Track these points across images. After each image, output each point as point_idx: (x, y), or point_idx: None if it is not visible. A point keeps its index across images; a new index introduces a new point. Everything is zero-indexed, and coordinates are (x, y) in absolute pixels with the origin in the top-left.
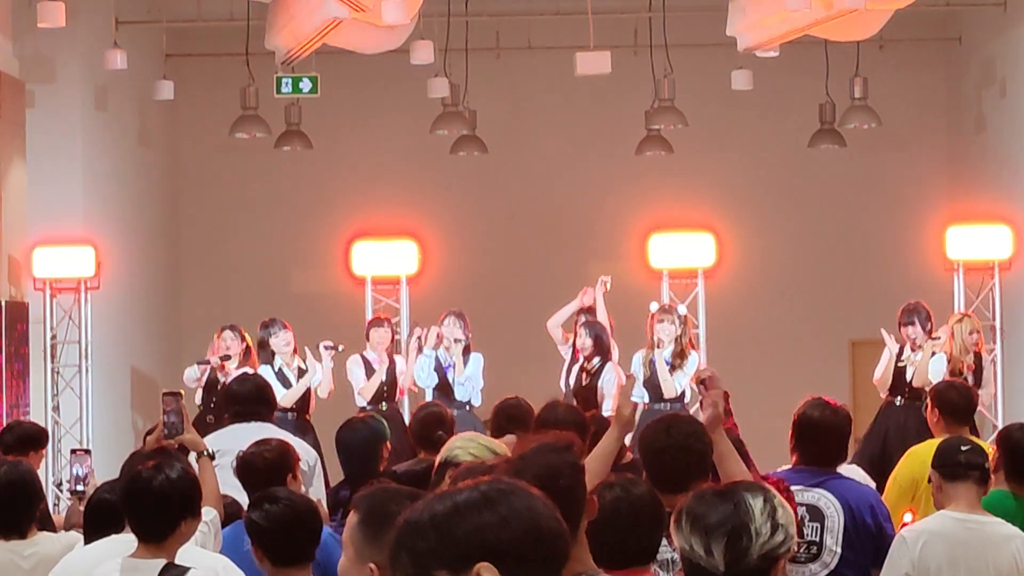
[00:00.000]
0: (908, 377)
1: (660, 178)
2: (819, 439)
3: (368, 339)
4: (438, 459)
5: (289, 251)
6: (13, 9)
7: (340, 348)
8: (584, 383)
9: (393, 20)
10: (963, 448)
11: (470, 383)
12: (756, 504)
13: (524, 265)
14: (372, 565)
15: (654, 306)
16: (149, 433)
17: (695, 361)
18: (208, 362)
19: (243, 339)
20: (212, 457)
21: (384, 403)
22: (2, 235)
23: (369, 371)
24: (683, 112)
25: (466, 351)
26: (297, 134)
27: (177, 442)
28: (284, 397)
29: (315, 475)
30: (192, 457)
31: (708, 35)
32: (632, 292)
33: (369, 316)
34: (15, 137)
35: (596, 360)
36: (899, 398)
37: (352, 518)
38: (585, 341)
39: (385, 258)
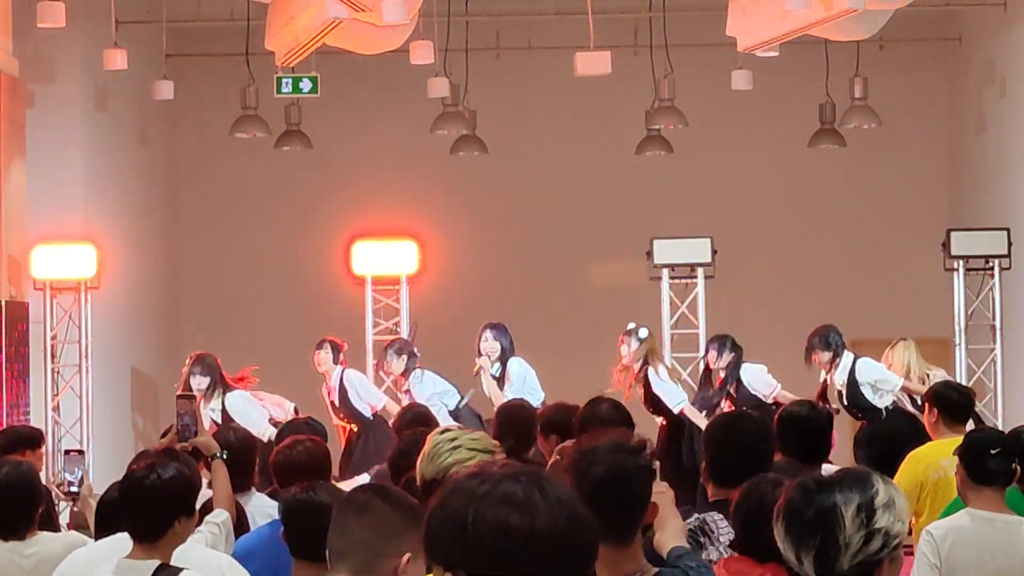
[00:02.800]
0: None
1: (660, 178)
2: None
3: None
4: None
5: (289, 251)
6: (13, 9)
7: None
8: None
9: (393, 20)
10: (993, 452)
11: (523, 389)
12: (848, 512)
13: (524, 265)
14: None
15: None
16: (165, 434)
17: (660, 381)
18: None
19: None
20: (225, 460)
21: None
22: (2, 235)
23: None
24: (683, 112)
25: (503, 361)
26: (297, 134)
27: (191, 444)
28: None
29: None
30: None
31: (708, 35)
32: (632, 292)
33: (369, 316)
34: (15, 137)
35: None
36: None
37: None
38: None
39: (385, 258)
